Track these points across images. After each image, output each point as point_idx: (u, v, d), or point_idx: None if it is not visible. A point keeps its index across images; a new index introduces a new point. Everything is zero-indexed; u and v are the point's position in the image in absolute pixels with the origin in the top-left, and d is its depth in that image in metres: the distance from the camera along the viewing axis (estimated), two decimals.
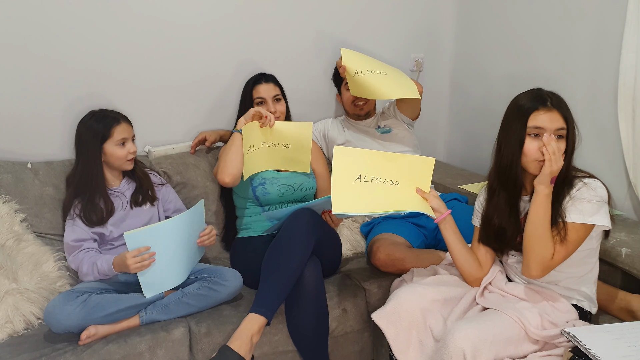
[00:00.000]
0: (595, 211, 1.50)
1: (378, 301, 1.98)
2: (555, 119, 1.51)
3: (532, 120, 1.52)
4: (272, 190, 2.16)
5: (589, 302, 1.65)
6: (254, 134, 2.07)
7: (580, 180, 1.56)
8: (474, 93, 2.89)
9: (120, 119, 1.96)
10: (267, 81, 2.24)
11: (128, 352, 1.66)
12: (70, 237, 1.88)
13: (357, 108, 2.51)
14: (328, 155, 2.58)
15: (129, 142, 1.96)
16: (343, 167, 1.64)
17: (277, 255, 1.81)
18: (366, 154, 1.68)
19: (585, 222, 1.50)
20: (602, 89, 2.15)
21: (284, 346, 1.87)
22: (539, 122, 1.51)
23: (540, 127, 1.51)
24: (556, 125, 1.51)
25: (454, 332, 1.48)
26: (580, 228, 1.51)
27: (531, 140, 1.53)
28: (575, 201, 1.53)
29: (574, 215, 1.51)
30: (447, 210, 1.69)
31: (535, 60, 2.45)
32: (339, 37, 2.68)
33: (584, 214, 1.50)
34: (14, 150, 2.14)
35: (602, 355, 1.35)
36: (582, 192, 1.53)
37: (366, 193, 1.63)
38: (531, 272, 1.55)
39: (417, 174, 1.69)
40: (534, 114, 1.52)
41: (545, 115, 1.51)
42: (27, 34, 2.09)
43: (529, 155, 1.53)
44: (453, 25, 2.95)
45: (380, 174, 1.65)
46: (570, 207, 1.53)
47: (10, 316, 1.70)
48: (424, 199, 1.68)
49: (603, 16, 2.12)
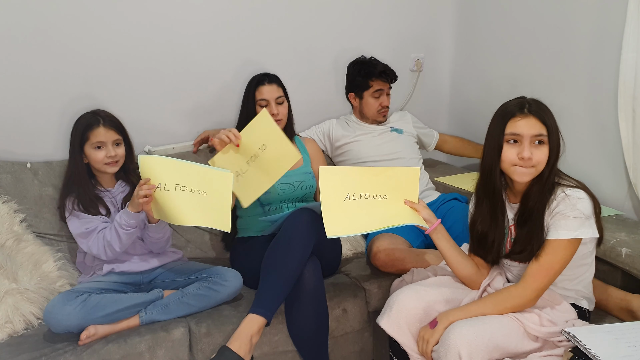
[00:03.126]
0: (579, 225, 1.49)
1: (378, 301, 1.98)
2: (532, 125, 1.52)
3: (510, 126, 1.53)
4: (272, 189, 2.16)
5: (587, 301, 1.65)
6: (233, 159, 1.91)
7: (563, 190, 1.53)
8: (474, 93, 2.89)
9: (101, 122, 1.90)
10: (271, 82, 2.23)
11: (128, 352, 1.66)
12: (77, 228, 1.86)
13: (380, 115, 2.55)
14: (330, 156, 2.58)
15: (108, 147, 1.89)
16: (331, 188, 1.63)
17: (277, 256, 1.80)
18: (352, 171, 1.68)
19: (571, 237, 1.49)
20: (602, 89, 2.15)
21: (284, 346, 1.87)
22: (516, 129, 1.52)
23: (517, 133, 1.52)
24: (533, 132, 1.52)
25: (449, 331, 1.48)
26: (567, 244, 1.50)
27: (509, 147, 1.54)
28: (555, 217, 1.52)
29: (559, 232, 1.50)
30: (437, 220, 1.69)
31: (535, 60, 2.45)
32: (339, 36, 2.68)
33: (569, 229, 1.49)
34: (14, 150, 2.14)
35: (602, 355, 1.35)
36: (563, 207, 1.51)
37: (357, 211, 1.63)
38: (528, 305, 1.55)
39: (403, 185, 1.68)
40: (512, 120, 1.53)
41: (522, 121, 1.53)
42: (27, 34, 2.09)
43: (506, 161, 1.54)
44: (453, 25, 2.95)
45: (368, 189, 1.65)
46: (553, 223, 1.52)
47: (10, 316, 1.70)
48: (414, 209, 1.68)
49: (603, 16, 2.12)
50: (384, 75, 2.51)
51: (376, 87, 2.51)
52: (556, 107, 2.33)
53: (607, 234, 1.87)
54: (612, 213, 2.08)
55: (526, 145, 1.51)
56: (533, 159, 1.51)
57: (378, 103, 2.53)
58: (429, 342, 1.53)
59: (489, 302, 1.57)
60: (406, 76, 2.90)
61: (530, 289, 1.53)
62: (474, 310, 1.55)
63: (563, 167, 1.61)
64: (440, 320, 1.54)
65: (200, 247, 2.28)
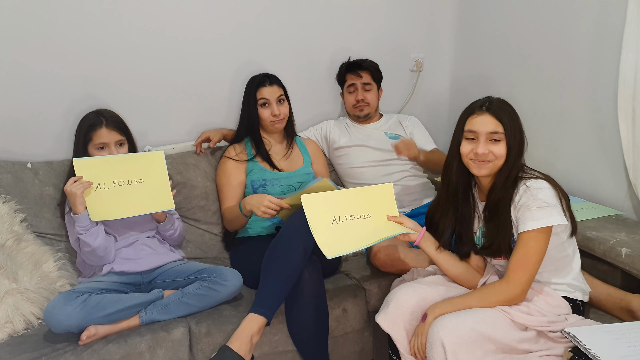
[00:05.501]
0: (545, 214, 1.52)
1: (378, 301, 1.98)
2: (487, 122, 1.59)
3: (468, 124, 1.63)
4: (274, 190, 2.16)
5: (581, 292, 1.66)
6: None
7: (524, 183, 1.58)
8: (474, 93, 2.88)
9: (104, 123, 1.91)
10: (272, 83, 2.23)
11: (128, 352, 1.66)
12: (71, 231, 1.89)
13: (356, 109, 2.52)
14: (328, 156, 2.58)
15: (110, 147, 1.91)
16: (316, 215, 1.69)
17: (277, 255, 1.81)
18: (330, 196, 1.74)
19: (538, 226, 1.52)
20: (602, 89, 2.15)
21: (284, 346, 1.87)
22: (473, 126, 1.61)
23: (473, 130, 1.61)
24: (488, 129, 1.59)
25: (433, 324, 1.51)
26: (537, 234, 1.53)
27: (466, 143, 1.63)
28: (520, 210, 1.56)
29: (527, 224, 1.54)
30: (422, 229, 1.74)
31: (535, 60, 2.45)
32: (339, 36, 2.68)
33: (535, 220, 1.53)
34: (14, 150, 2.14)
35: (602, 355, 1.35)
36: (525, 199, 1.55)
37: (346, 232, 1.69)
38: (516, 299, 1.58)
39: (382, 201, 1.76)
40: (470, 118, 1.63)
41: (478, 118, 1.62)
42: (27, 33, 2.09)
43: (464, 155, 1.64)
44: (453, 25, 2.95)
45: (350, 211, 1.72)
46: (521, 216, 1.56)
47: (10, 316, 1.70)
48: (398, 222, 1.73)
49: (603, 16, 2.12)
50: (352, 67, 2.50)
51: (349, 81, 2.51)
52: (556, 107, 2.36)
53: (607, 234, 1.88)
54: (612, 213, 2.08)
55: (481, 141, 1.59)
56: (490, 154, 1.58)
57: (353, 97, 2.51)
58: (421, 335, 1.56)
59: (475, 296, 1.61)
60: (406, 76, 2.91)
61: (513, 283, 1.56)
62: (460, 303, 1.58)
63: (562, 167, 1.62)
64: (429, 313, 1.58)
65: (200, 247, 2.28)
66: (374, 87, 2.52)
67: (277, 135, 2.31)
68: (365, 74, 2.49)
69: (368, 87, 2.50)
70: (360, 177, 2.45)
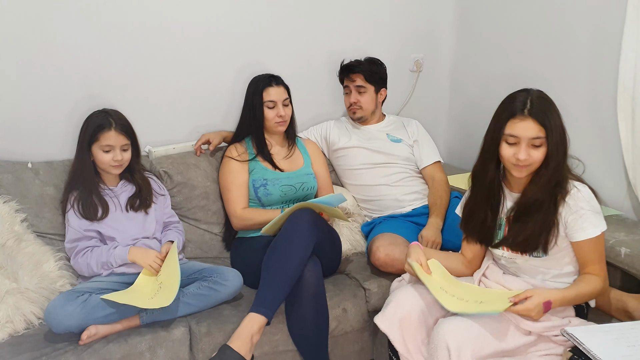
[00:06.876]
0: (600, 220, 1.58)
1: (378, 301, 1.98)
2: (529, 128, 1.54)
3: (509, 127, 1.56)
4: (274, 190, 2.16)
5: None
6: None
7: (574, 186, 1.59)
8: (474, 93, 2.89)
9: (113, 126, 1.91)
10: (278, 84, 2.23)
11: (128, 351, 1.67)
12: (66, 239, 1.91)
13: (350, 112, 2.53)
14: (328, 157, 2.58)
15: (115, 151, 1.91)
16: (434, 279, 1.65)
17: (278, 255, 1.81)
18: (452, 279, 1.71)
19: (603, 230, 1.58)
20: (601, 89, 2.15)
21: (284, 346, 1.87)
22: (514, 130, 1.55)
23: (514, 135, 1.55)
24: (530, 134, 1.54)
25: (439, 326, 1.51)
26: (598, 240, 1.57)
27: (507, 147, 1.57)
28: (577, 215, 1.56)
29: (588, 231, 1.56)
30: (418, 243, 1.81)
31: (535, 60, 2.45)
32: (340, 37, 2.68)
33: (596, 226, 1.56)
34: (14, 150, 2.14)
35: (601, 355, 1.35)
36: (583, 204, 1.56)
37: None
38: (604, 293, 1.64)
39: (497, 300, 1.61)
40: (511, 121, 1.56)
41: (521, 123, 1.55)
42: (28, 34, 2.09)
43: (505, 159, 1.59)
44: (453, 25, 2.95)
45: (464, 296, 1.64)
46: (576, 222, 1.56)
47: (11, 316, 1.70)
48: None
49: (602, 16, 2.12)
50: (344, 70, 2.50)
51: (344, 83, 2.52)
52: None
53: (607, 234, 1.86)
54: (612, 213, 2.08)
55: (523, 147, 1.54)
56: (529, 159, 1.55)
57: (347, 100, 2.51)
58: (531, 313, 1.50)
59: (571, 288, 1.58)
60: (406, 76, 2.90)
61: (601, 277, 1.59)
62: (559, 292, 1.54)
63: None
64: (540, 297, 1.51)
65: (200, 247, 2.28)
66: (369, 90, 2.47)
67: (278, 136, 2.31)
68: (358, 77, 2.46)
69: (362, 90, 2.47)
70: (358, 179, 2.45)
